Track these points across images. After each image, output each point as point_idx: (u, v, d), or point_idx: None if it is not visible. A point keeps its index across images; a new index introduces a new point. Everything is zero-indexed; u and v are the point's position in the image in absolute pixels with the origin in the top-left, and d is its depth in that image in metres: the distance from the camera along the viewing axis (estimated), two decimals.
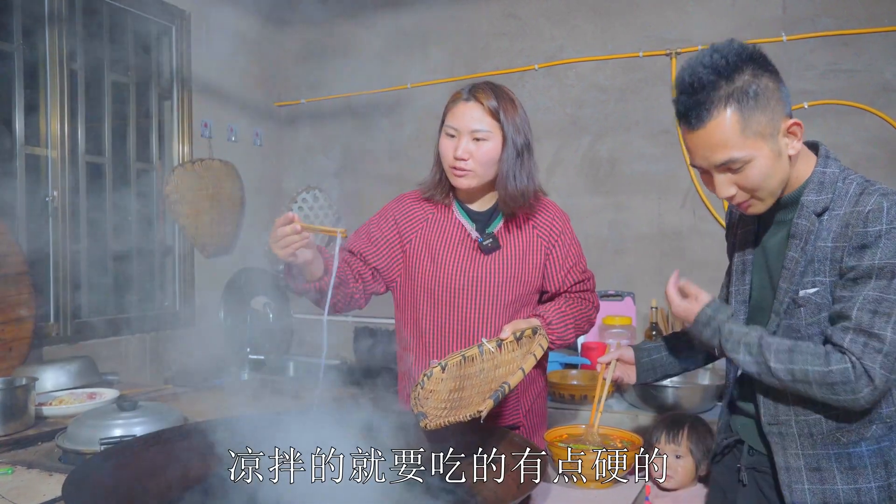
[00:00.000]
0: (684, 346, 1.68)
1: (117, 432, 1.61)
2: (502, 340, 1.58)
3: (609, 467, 1.38)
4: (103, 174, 2.99)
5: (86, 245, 2.88)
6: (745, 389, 1.50)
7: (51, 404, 2.11)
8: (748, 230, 1.50)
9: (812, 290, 1.30)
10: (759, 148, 1.26)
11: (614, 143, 3.26)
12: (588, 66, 3.28)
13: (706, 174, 1.34)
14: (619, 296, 3.10)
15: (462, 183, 1.67)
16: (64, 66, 2.75)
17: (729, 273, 1.58)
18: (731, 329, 1.35)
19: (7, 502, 1.38)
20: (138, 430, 1.61)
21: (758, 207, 1.35)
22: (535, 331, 1.54)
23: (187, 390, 2.52)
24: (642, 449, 1.50)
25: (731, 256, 1.58)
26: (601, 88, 3.28)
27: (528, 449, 1.34)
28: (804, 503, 1.33)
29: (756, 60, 1.28)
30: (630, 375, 1.69)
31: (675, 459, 1.98)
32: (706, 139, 1.27)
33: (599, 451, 1.42)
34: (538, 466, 1.26)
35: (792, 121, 1.29)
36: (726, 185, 1.31)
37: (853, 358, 1.22)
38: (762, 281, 1.44)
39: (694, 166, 1.35)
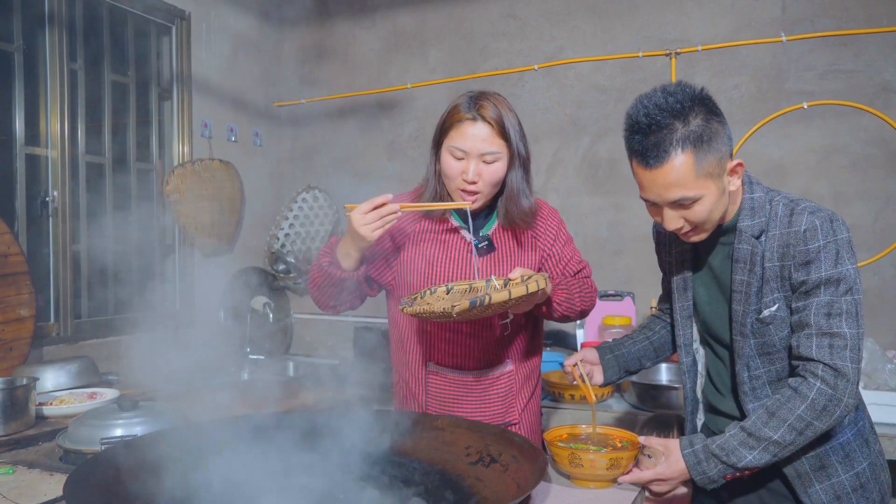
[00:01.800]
0: (644, 341, 1.78)
1: (118, 432, 1.61)
2: (510, 280, 1.59)
3: (609, 467, 1.39)
4: (103, 174, 2.99)
5: (86, 245, 2.88)
6: (717, 391, 1.58)
7: (51, 404, 2.11)
8: (684, 249, 1.59)
9: (774, 308, 1.41)
10: (707, 187, 1.35)
11: (614, 143, 3.27)
12: (587, 66, 3.28)
13: (654, 206, 1.43)
14: (618, 296, 3.11)
15: (472, 206, 1.64)
16: (64, 66, 2.75)
17: (667, 287, 1.69)
18: (719, 443, 1.38)
19: (8, 502, 1.38)
20: (139, 430, 1.61)
21: (700, 236, 1.45)
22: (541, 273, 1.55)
23: (187, 390, 2.52)
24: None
25: (664, 271, 1.71)
26: (601, 89, 3.29)
27: (528, 448, 1.35)
28: (822, 503, 1.43)
29: (706, 104, 1.36)
30: (597, 375, 1.73)
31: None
32: (662, 178, 1.35)
33: (601, 451, 1.43)
34: (538, 466, 1.26)
35: (736, 161, 1.39)
36: (675, 219, 1.40)
37: (820, 368, 1.32)
38: (712, 298, 1.54)
39: (643, 199, 1.43)
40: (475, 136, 1.59)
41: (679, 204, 1.37)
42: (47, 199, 2.72)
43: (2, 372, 2.33)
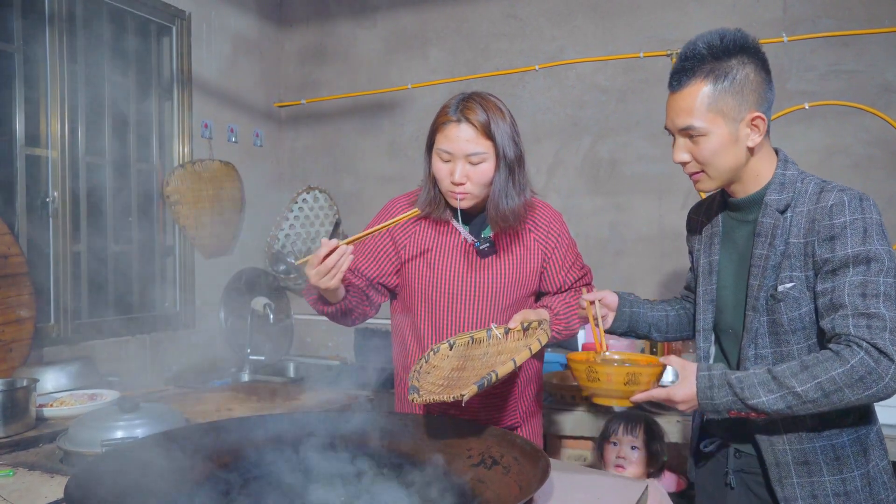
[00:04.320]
0: (661, 311, 1.75)
1: (119, 434, 1.61)
2: (510, 329, 1.59)
3: (626, 382, 1.35)
4: (103, 175, 2.98)
5: (86, 246, 2.88)
6: None
7: (51, 405, 2.10)
8: (713, 232, 1.57)
9: (790, 285, 1.36)
10: (717, 125, 1.37)
11: (615, 143, 3.26)
12: (588, 66, 3.28)
13: (673, 139, 1.45)
14: None
15: (462, 205, 1.65)
16: (64, 66, 2.75)
17: (696, 275, 1.65)
18: (738, 376, 1.31)
19: None
20: (140, 432, 1.61)
21: (705, 184, 1.45)
22: (541, 324, 1.55)
23: (188, 391, 2.51)
24: (662, 370, 1.42)
25: (691, 256, 1.68)
26: (602, 89, 3.28)
27: (530, 450, 1.34)
28: (794, 497, 1.39)
29: (749, 52, 1.37)
30: (608, 320, 1.70)
31: (630, 450, 2.07)
32: (678, 103, 1.40)
33: (619, 365, 1.39)
34: (541, 468, 1.25)
35: (756, 114, 1.37)
36: (682, 150, 1.42)
37: (864, 343, 1.23)
38: (737, 278, 1.50)
39: (665, 129, 1.46)
40: (459, 137, 1.59)
41: (687, 133, 1.39)
42: (47, 199, 2.72)
43: (2, 373, 2.33)
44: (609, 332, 1.70)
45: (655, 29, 3.17)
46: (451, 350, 1.62)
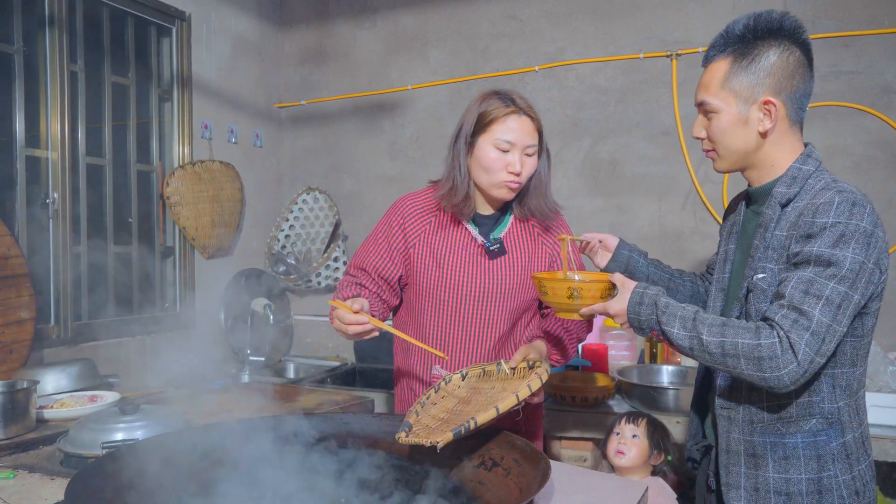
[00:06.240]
0: (665, 273, 1.73)
1: (119, 436, 1.61)
2: (515, 368, 1.62)
3: (570, 296, 1.39)
4: (103, 176, 2.98)
5: (86, 247, 2.88)
6: (711, 388, 1.54)
7: (52, 407, 2.10)
8: (735, 221, 1.56)
9: (761, 276, 1.36)
10: (728, 104, 1.38)
11: (615, 144, 3.26)
12: (589, 67, 3.28)
13: None
14: None
15: (511, 196, 1.70)
16: (64, 67, 2.75)
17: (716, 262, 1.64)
18: (667, 302, 1.35)
19: None
20: (140, 434, 1.61)
21: (718, 164, 1.46)
22: (542, 363, 1.57)
23: (188, 392, 2.51)
24: (615, 288, 1.45)
25: (719, 246, 1.66)
26: (602, 90, 3.28)
27: (530, 452, 1.34)
28: (738, 485, 1.40)
29: (782, 36, 1.36)
30: (601, 259, 1.69)
31: (631, 437, 2.14)
32: (701, 78, 1.43)
33: (566, 280, 1.43)
34: (541, 470, 1.25)
35: (769, 98, 1.35)
36: (699, 125, 1.45)
37: (781, 332, 1.23)
38: (739, 269, 1.50)
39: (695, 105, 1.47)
40: (521, 129, 1.65)
41: (704, 109, 1.42)
42: (47, 200, 2.71)
43: (2, 375, 2.33)
44: (605, 271, 1.69)
45: (655, 30, 3.17)
46: (462, 381, 1.63)
